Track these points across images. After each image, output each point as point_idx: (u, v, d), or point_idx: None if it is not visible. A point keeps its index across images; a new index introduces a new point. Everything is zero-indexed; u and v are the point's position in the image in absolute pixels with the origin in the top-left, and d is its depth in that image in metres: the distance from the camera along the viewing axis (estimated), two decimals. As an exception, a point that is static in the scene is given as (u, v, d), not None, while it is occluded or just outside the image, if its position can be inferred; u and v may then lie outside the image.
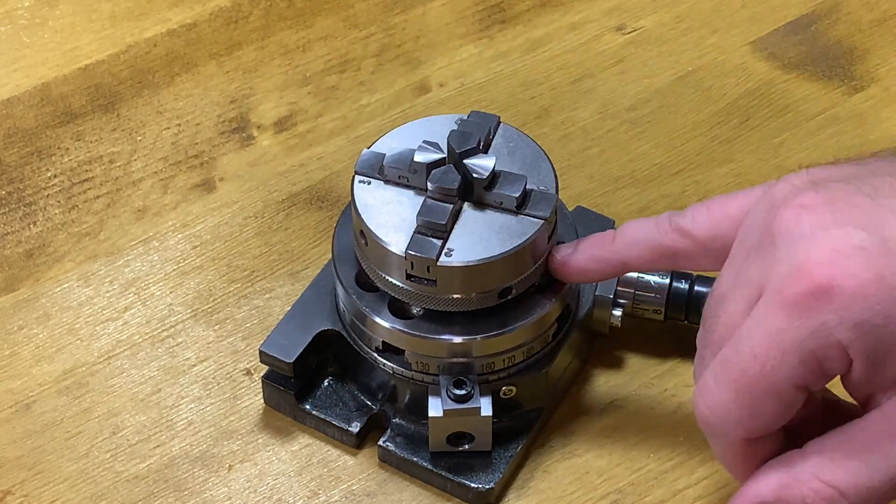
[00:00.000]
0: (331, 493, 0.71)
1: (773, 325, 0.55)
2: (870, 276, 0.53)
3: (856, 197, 0.55)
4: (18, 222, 0.82)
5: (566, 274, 0.68)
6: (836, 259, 0.54)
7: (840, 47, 0.90)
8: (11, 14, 0.93)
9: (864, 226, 0.54)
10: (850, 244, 0.54)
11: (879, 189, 0.56)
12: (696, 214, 0.63)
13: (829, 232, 0.54)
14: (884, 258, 0.53)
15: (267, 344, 0.71)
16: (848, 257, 0.54)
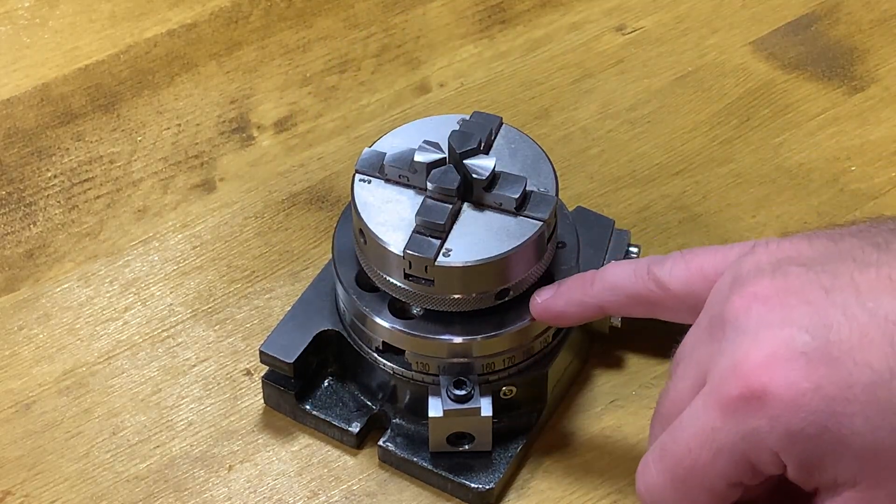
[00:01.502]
0: (331, 494, 0.71)
1: (707, 422, 0.54)
2: (806, 385, 0.51)
3: (810, 289, 0.53)
4: (18, 222, 0.82)
5: (546, 318, 0.67)
6: (774, 364, 0.52)
7: (840, 47, 0.90)
8: (11, 14, 0.93)
9: (810, 326, 0.52)
10: (792, 348, 0.52)
11: (838, 279, 0.53)
12: (673, 267, 0.61)
13: (773, 331, 0.53)
14: (824, 366, 0.51)
15: (267, 344, 0.71)
16: (787, 362, 0.52)
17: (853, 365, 0.51)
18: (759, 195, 0.83)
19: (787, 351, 0.52)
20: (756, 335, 0.53)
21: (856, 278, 0.53)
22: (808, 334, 0.52)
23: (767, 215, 0.82)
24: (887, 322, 0.51)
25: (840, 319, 0.52)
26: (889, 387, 0.51)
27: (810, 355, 0.52)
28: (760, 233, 0.81)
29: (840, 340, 0.52)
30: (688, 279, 0.60)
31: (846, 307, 0.52)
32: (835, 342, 0.52)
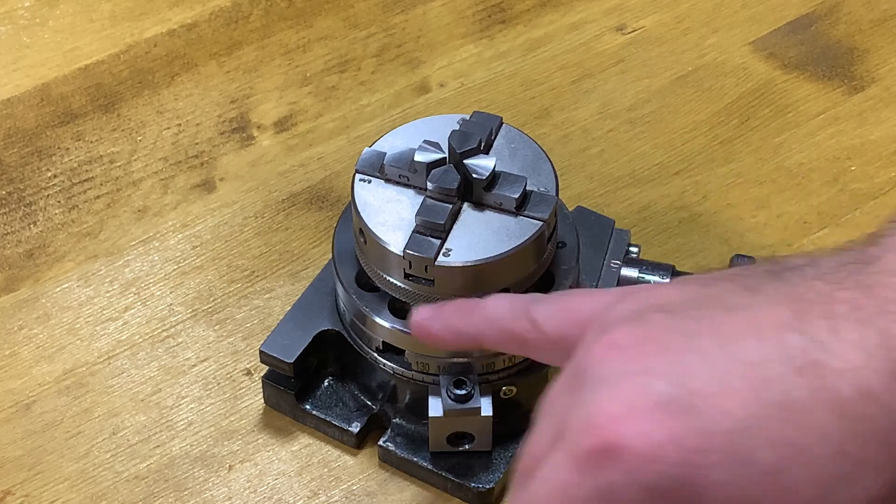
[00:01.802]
0: (331, 493, 0.71)
1: (563, 477, 0.51)
2: (662, 436, 0.49)
3: (671, 336, 0.51)
4: (18, 222, 0.82)
5: (421, 337, 0.64)
6: (630, 415, 0.49)
7: (840, 47, 0.90)
8: (11, 14, 0.93)
9: (668, 374, 0.50)
10: (648, 398, 0.49)
11: (702, 323, 0.51)
12: (550, 308, 0.58)
13: (630, 381, 0.50)
14: (682, 415, 0.49)
15: (267, 344, 0.71)
16: (642, 413, 0.49)
17: (712, 413, 0.48)
18: (759, 195, 0.83)
19: (643, 401, 0.49)
20: (613, 385, 0.50)
21: (720, 323, 0.50)
22: (665, 383, 0.49)
23: (767, 215, 0.82)
24: (749, 367, 0.49)
25: (700, 366, 0.49)
26: (749, 436, 0.48)
27: (667, 405, 0.49)
28: (760, 233, 0.81)
29: (699, 388, 0.49)
30: (561, 323, 0.57)
31: (707, 353, 0.50)
32: (694, 390, 0.49)
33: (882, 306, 0.48)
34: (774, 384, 0.48)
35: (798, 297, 0.50)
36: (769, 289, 0.51)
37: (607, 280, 0.73)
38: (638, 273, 0.73)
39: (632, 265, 0.73)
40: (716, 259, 0.79)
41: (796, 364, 0.48)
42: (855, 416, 0.47)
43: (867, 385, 0.47)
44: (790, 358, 0.48)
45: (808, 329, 0.48)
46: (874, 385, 0.47)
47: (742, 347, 0.49)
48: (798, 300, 0.49)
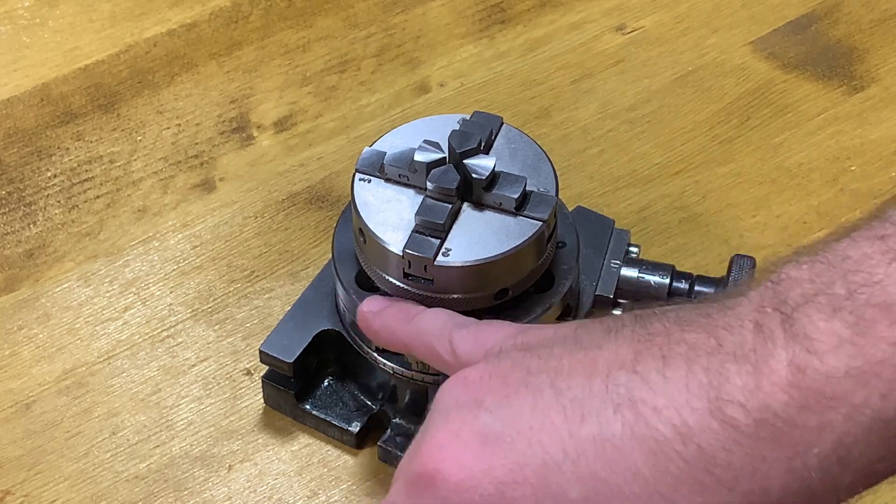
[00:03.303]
0: (331, 493, 0.71)
1: (394, 498, 0.53)
2: (477, 467, 0.50)
3: (514, 372, 0.52)
4: (18, 222, 0.82)
5: (364, 329, 0.65)
6: (450, 444, 0.51)
7: (840, 47, 0.90)
8: (11, 14, 0.93)
9: (496, 408, 0.51)
10: (472, 429, 0.50)
11: (545, 361, 0.51)
12: (466, 335, 0.59)
13: (461, 412, 0.51)
14: (499, 448, 0.50)
15: (267, 344, 0.71)
16: (463, 444, 0.50)
17: (528, 447, 0.49)
18: (759, 195, 0.83)
19: (467, 432, 0.50)
20: (446, 416, 0.52)
21: (563, 361, 0.51)
22: (491, 415, 0.50)
23: (767, 215, 0.82)
24: (571, 403, 0.49)
25: (527, 400, 0.50)
26: (561, 470, 0.48)
27: (488, 437, 0.50)
28: (761, 233, 0.81)
29: (520, 422, 0.50)
30: (471, 349, 0.58)
31: (538, 389, 0.50)
32: (514, 424, 0.50)
33: (717, 347, 0.48)
34: (591, 420, 0.48)
35: (645, 339, 0.50)
36: (627, 331, 0.51)
37: (607, 280, 0.73)
38: (638, 273, 0.73)
39: (632, 265, 0.73)
40: (716, 259, 0.79)
41: (616, 401, 0.48)
42: (669, 455, 0.47)
43: (684, 423, 0.47)
44: (612, 395, 0.48)
45: (640, 368, 0.49)
46: (692, 424, 0.47)
47: (569, 384, 0.50)
48: (644, 341, 0.50)
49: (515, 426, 0.50)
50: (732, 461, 0.46)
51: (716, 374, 0.47)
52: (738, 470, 0.46)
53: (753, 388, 0.46)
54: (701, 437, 0.47)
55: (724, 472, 0.47)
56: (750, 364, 0.47)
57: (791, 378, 0.46)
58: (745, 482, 0.47)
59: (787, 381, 0.46)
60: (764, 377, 0.46)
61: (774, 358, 0.46)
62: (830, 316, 0.46)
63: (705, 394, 0.47)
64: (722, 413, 0.46)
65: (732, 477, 0.47)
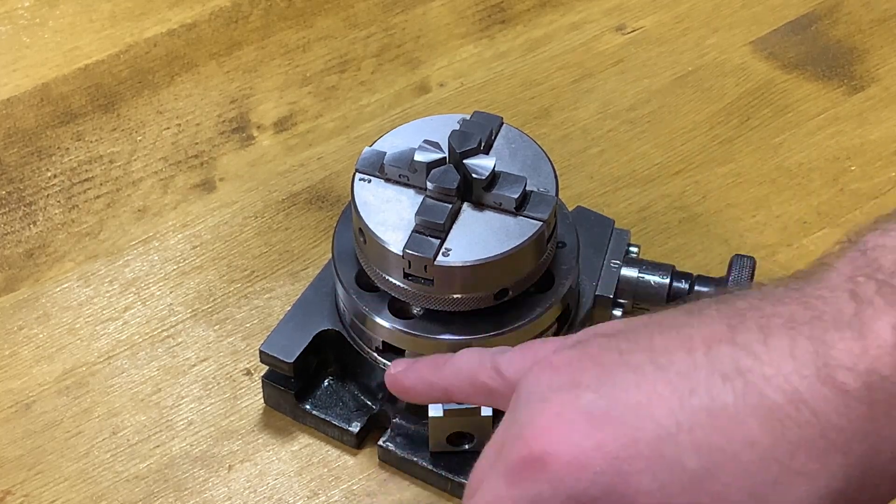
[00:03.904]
0: (331, 493, 0.71)
1: (494, 491, 0.52)
2: (588, 444, 0.49)
3: (606, 354, 0.52)
4: (18, 222, 0.82)
5: (395, 391, 0.64)
6: (556, 425, 0.50)
7: (840, 47, 0.90)
8: (11, 14, 0.93)
9: (597, 386, 0.50)
10: (576, 408, 0.50)
11: (637, 342, 0.51)
12: (513, 356, 0.58)
13: (560, 394, 0.51)
14: (608, 424, 0.49)
15: (267, 344, 0.71)
16: (569, 423, 0.50)
17: (638, 421, 0.49)
18: (759, 195, 0.83)
19: (570, 411, 0.50)
20: (543, 400, 0.51)
21: (654, 340, 0.51)
22: (594, 393, 0.50)
23: (767, 215, 0.82)
24: (677, 376, 0.49)
25: (629, 377, 0.50)
26: (675, 441, 0.48)
27: (594, 414, 0.50)
28: (761, 233, 0.81)
29: (626, 397, 0.49)
30: (522, 367, 0.57)
31: (637, 366, 0.50)
32: (620, 399, 0.50)
33: (817, 316, 0.48)
34: (700, 391, 0.48)
35: (736, 314, 0.50)
36: (710, 310, 0.51)
37: (607, 280, 0.73)
38: (638, 273, 0.73)
39: (632, 265, 0.73)
40: (716, 259, 0.79)
41: (723, 371, 0.48)
42: (783, 422, 0.47)
43: (795, 390, 0.47)
44: (718, 366, 0.48)
45: (740, 340, 0.49)
46: (803, 390, 0.47)
47: (671, 359, 0.50)
48: (735, 316, 0.50)
49: (622, 402, 0.49)
50: (845, 425, 0.47)
51: (819, 342, 0.47)
52: (850, 433, 0.47)
53: (860, 353, 0.47)
54: (813, 403, 0.47)
55: (838, 436, 0.47)
56: (853, 330, 0.47)
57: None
58: (858, 445, 0.47)
59: (892, 344, 0.47)
60: (869, 341, 0.47)
61: (877, 322, 0.47)
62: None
63: (812, 361, 0.47)
64: (832, 378, 0.47)
65: (845, 440, 0.47)
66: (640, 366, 0.50)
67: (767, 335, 0.48)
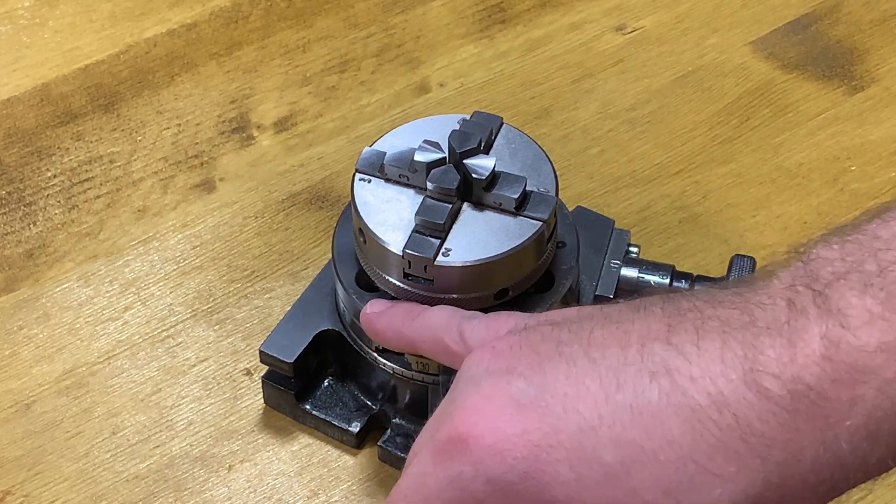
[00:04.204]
0: (331, 493, 0.71)
1: (422, 467, 0.53)
2: (511, 430, 0.50)
3: (545, 343, 0.52)
4: (18, 222, 0.82)
5: (367, 330, 0.66)
6: (484, 408, 0.51)
7: (840, 47, 0.90)
8: (11, 14, 0.93)
9: (529, 374, 0.51)
10: (506, 394, 0.51)
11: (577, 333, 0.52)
12: (478, 324, 0.60)
13: (493, 378, 0.52)
14: (534, 412, 0.50)
15: (267, 344, 0.71)
16: (497, 408, 0.51)
17: (563, 412, 0.50)
18: (759, 195, 0.83)
19: (500, 397, 0.51)
20: (477, 383, 0.52)
21: (594, 333, 0.52)
22: (525, 381, 0.51)
23: (767, 215, 0.82)
24: (607, 371, 0.50)
25: (560, 368, 0.51)
26: (597, 435, 0.49)
27: (522, 402, 0.50)
28: (760, 233, 0.81)
29: (555, 388, 0.50)
30: (483, 338, 0.58)
31: (571, 358, 0.51)
32: (549, 389, 0.50)
33: (752, 322, 0.48)
34: (627, 387, 0.49)
35: (677, 314, 0.50)
36: (656, 308, 0.51)
37: (607, 280, 0.73)
38: (638, 273, 0.73)
39: (632, 265, 0.73)
40: (716, 259, 0.79)
41: (652, 369, 0.49)
42: (704, 423, 0.48)
43: (720, 393, 0.47)
44: (648, 364, 0.49)
45: (674, 340, 0.49)
46: (727, 394, 0.47)
47: (604, 354, 0.50)
48: (676, 316, 0.50)
49: (550, 392, 0.50)
50: (766, 431, 0.47)
51: (750, 347, 0.48)
52: (771, 440, 0.47)
53: (787, 361, 0.47)
54: (736, 407, 0.47)
55: (758, 442, 0.47)
56: (784, 337, 0.47)
57: (824, 351, 0.47)
58: (778, 452, 0.47)
59: (820, 355, 0.47)
60: (798, 350, 0.47)
61: (808, 332, 0.47)
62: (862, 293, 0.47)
63: (740, 365, 0.48)
64: (757, 384, 0.47)
65: (765, 446, 0.47)
66: (573, 357, 0.51)
67: (701, 337, 0.49)
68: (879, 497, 0.70)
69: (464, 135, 0.67)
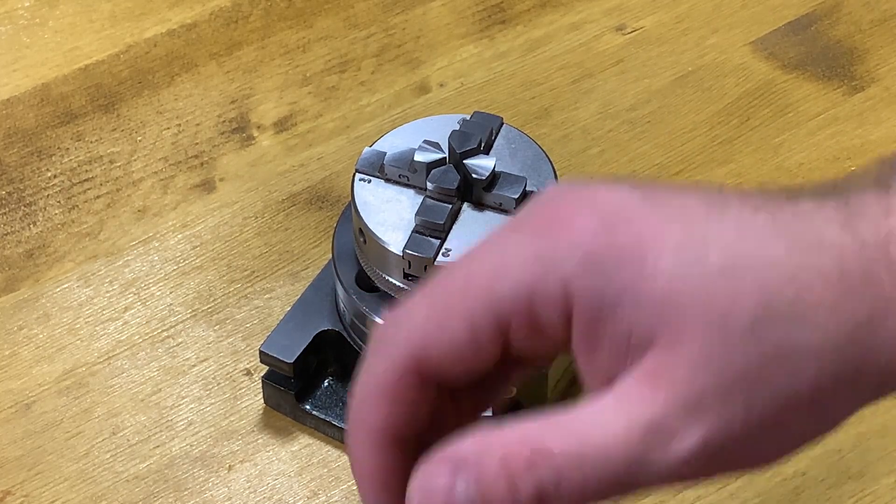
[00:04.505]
0: (331, 493, 0.71)
1: (500, 238, 0.47)
2: (617, 219, 0.45)
3: (642, 186, 0.48)
4: (18, 222, 0.82)
5: None
6: (588, 197, 0.46)
7: (840, 47, 0.90)
8: (11, 14, 0.93)
9: (635, 186, 0.46)
10: (610, 189, 0.46)
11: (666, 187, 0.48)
12: None
13: (594, 184, 0.47)
14: (641, 207, 0.46)
15: (267, 344, 0.71)
16: (602, 198, 0.46)
17: (671, 212, 0.46)
18: (759, 195, 0.83)
19: (604, 191, 0.46)
20: (583, 184, 0.47)
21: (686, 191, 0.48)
22: (630, 186, 0.47)
23: (767, 215, 0.82)
24: (711, 201, 0.46)
25: (666, 190, 0.47)
26: (704, 239, 0.45)
27: (627, 196, 0.46)
28: (760, 233, 0.81)
29: (663, 198, 0.46)
30: None
31: (677, 190, 0.47)
32: (658, 197, 0.46)
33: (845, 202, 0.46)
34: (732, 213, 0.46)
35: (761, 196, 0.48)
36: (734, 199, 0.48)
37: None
38: None
39: (632, 265, 0.73)
40: (716, 259, 0.79)
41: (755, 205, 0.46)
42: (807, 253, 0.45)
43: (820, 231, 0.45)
44: (749, 203, 0.46)
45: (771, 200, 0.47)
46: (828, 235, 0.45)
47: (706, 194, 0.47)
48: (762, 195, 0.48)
49: (659, 200, 0.46)
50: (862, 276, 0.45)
51: (847, 211, 0.46)
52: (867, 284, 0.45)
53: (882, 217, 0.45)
54: (840, 247, 0.45)
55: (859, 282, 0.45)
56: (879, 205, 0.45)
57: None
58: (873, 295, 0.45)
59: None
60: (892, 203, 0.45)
61: None
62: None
63: (842, 216, 0.45)
64: (853, 230, 0.45)
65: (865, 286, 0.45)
66: (677, 191, 0.47)
67: (797, 203, 0.46)
68: (880, 497, 0.70)
69: (464, 135, 0.67)
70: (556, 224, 0.46)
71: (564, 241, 0.45)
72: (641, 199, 0.46)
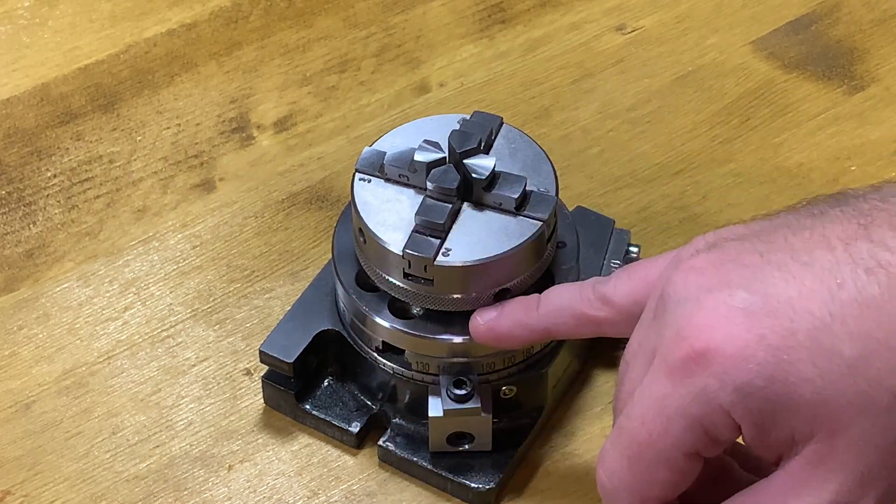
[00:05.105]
0: (331, 493, 0.71)
1: (657, 392, 0.54)
2: (749, 336, 0.52)
3: (746, 255, 0.54)
4: (18, 222, 0.82)
5: (490, 339, 0.66)
6: (715, 321, 0.53)
7: (840, 47, 0.90)
8: (11, 14, 0.93)
9: (747, 285, 0.53)
10: (731, 305, 0.53)
11: (773, 244, 0.54)
12: (617, 282, 0.61)
13: (712, 294, 0.53)
14: (765, 317, 0.52)
15: (267, 344, 0.71)
16: (727, 319, 0.52)
17: (793, 313, 0.52)
18: (759, 195, 0.83)
19: (726, 308, 0.52)
20: (697, 300, 0.54)
21: (790, 240, 0.54)
22: (746, 291, 0.53)
23: (767, 215, 0.82)
24: (823, 272, 0.52)
25: (776, 275, 0.53)
26: (831, 331, 0.51)
27: (750, 309, 0.52)
28: (760, 233, 0.81)
29: (778, 293, 0.52)
30: (632, 290, 0.60)
31: (781, 264, 0.53)
32: (773, 295, 0.52)
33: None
34: (848, 284, 0.51)
35: (863, 214, 0.53)
36: (835, 211, 0.54)
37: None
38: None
39: (632, 265, 0.73)
40: (716, 259, 0.79)
41: (866, 265, 0.51)
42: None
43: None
44: (860, 261, 0.51)
45: (875, 237, 0.51)
46: None
47: (814, 257, 0.52)
48: (863, 216, 0.53)
49: (774, 297, 0.52)
50: None
51: None
52: None
53: None
54: None
55: None
56: None
57: None
58: None
59: None
60: None
61: None
62: None
63: None
64: None
65: None
66: (784, 264, 0.53)
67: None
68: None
69: (464, 135, 0.67)
70: (696, 364, 0.53)
71: (712, 377, 0.52)
72: (762, 304, 0.52)
